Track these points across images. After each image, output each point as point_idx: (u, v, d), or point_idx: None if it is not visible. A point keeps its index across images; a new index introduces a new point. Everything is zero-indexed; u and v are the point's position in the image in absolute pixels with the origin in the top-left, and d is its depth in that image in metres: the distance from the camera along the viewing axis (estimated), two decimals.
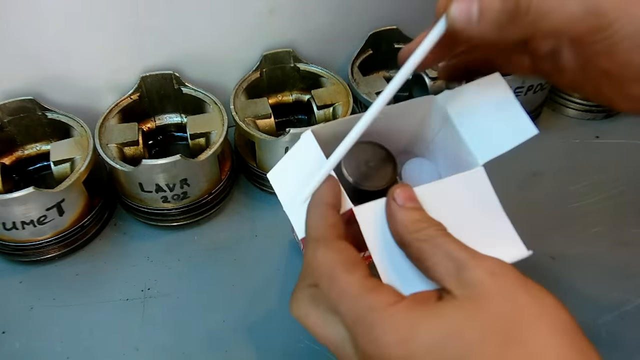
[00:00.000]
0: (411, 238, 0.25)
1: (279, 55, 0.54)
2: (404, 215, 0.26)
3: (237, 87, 0.52)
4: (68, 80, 0.49)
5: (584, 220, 0.51)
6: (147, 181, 0.44)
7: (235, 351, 0.41)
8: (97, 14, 0.46)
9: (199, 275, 0.46)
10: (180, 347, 0.41)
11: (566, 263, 0.46)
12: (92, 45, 0.48)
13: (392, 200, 0.27)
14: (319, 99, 0.52)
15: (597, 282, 0.45)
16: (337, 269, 0.25)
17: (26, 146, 0.50)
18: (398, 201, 0.27)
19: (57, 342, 0.41)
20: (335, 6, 0.54)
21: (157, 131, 0.54)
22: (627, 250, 0.48)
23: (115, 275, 0.46)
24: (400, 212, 0.26)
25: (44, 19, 0.45)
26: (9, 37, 0.45)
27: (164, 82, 0.51)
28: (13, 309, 0.43)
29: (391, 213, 0.27)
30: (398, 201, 0.27)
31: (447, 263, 0.24)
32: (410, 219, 0.26)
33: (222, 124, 0.48)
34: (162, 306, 0.44)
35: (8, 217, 0.42)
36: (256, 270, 0.46)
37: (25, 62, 0.47)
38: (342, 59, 0.59)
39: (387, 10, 0.56)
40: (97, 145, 0.45)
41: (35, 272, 0.46)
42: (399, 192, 0.27)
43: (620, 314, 0.43)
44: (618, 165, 0.56)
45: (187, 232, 0.49)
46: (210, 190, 0.48)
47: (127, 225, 0.50)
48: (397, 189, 0.27)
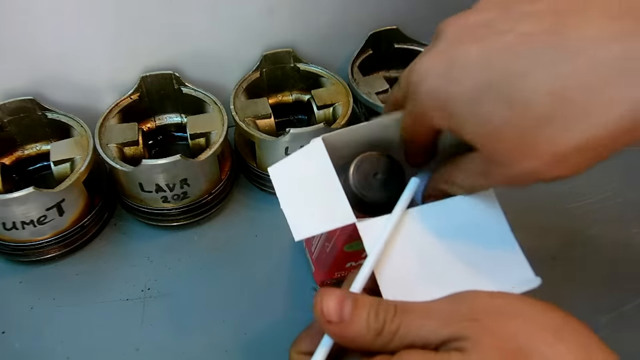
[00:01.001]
0: (378, 345, 0.24)
1: (279, 55, 0.54)
2: (354, 330, 0.24)
3: (237, 87, 0.52)
4: (68, 80, 0.49)
5: (584, 220, 0.51)
6: (147, 181, 0.44)
7: (235, 351, 0.41)
8: (97, 14, 0.46)
9: (199, 275, 0.46)
10: (180, 347, 0.41)
11: (566, 263, 0.46)
12: (92, 45, 0.48)
13: (328, 323, 0.24)
14: (319, 99, 0.52)
15: (597, 282, 0.45)
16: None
17: (26, 146, 0.50)
18: (334, 319, 0.24)
19: (57, 342, 0.41)
20: (335, 6, 0.54)
21: (157, 131, 0.54)
22: (627, 250, 0.48)
23: (115, 275, 0.46)
24: (349, 329, 0.24)
25: (44, 19, 0.45)
26: (9, 37, 0.45)
27: (164, 82, 0.51)
28: (13, 309, 0.43)
29: (339, 334, 0.24)
30: (334, 319, 0.24)
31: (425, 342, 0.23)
32: (362, 329, 0.24)
33: (222, 124, 0.48)
34: (162, 306, 0.44)
35: (8, 217, 0.42)
36: (256, 270, 0.46)
37: (25, 62, 0.47)
38: (342, 59, 0.59)
39: (387, 10, 0.56)
40: (97, 145, 0.45)
41: (35, 272, 0.46)
42: (326, 307, 0.24)
43: (620, 314, 0.43)
44: (618, 165, 0.56)
45: (187, 232, 0.49)
46: (210, 190, 0.48)
47: (127, 225, 0.50)
48: (321, 305, 0.24)
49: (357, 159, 0.31)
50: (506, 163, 0.23)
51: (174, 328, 0.42)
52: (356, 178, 0.30)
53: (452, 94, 0.24)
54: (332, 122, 0.51)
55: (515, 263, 0.28)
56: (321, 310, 0.24)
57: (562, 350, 0.22)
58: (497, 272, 0.24)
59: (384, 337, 0.23)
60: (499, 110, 0.22)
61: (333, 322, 0.24)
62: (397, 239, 0.28)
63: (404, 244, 0.28)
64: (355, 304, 0.24)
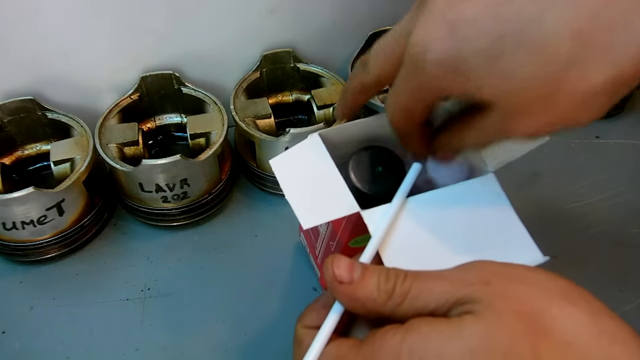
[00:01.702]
0: (389, 307, 0.23)
1: (279, 55, 0.54)
2: (365, 290, 0.24)
3: (237, 87, 0.52)
4: (68, 80, 0.49)
5: (584, 220, 0.51)
6: (147, 181, 0.44)
7: (235, 351, 0.41)
8: (97, 13, 0.46)
9: (199, 275, 0.46)
10: (180, 347, 0.41)
11: (566, 263, 0.46)
12: (92, 45, 0.48)
13: (339, 283, 0.24)
14: (319, 99, 0.52)
15: (597, 282, 0.45)
16: None
17: (26, 146, 0.50)
18: (345, 279, 0.24)
19: (57, 342, 0.41)
20: (335, 6, 0.54)
21: (157, 131, 0.54)
22: (627, 250, 0.48)
23: (115, 275, 0.46)
24: (359, 289, 0.24)
25: (44, 19, 0.45)
26: (9, 37, 0.45)
27: (164, 82, 0.51)
28: (13, 309, 0.43)
29: (350, 296, 0.24)
30: (345, 279, 0.24)
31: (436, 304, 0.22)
32: (373, 290, 0.23)
33: (222, 124, 0.48)
34: (162, 306, 0.44)
35: (8, 217, 0.42)
36: (256, 270, 0.46)
37: (25, 62, 0.47)
38: (342, 59, 0.59)
39: (387, 10, 0.56)
40: (97, 145, 0.45)
41: (35, 272, 0.46)
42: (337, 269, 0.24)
43: (620, 314, 0.43)
44: (618, 165, 0.56)
45: (187, 232, 0.49)
46: (210, 190, 0.48)
47: (127, 225, 0.50)
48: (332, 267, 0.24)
49: (356, 154, 0.31)
50: (531, 114, 0.23)
51: (174, 328, 0.42)
52: (357, 172, 0.30)
53: (465, 54, 0.22)
54: (332, 122, 0.51)
55: (521, 244, 0.28)
56: (333, 271, 0.24)
57: (573, 313, 0.21)
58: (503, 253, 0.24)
59: (395, 299, 0.23)
60: (522, 61, 0.21)
61: (344, 282, 0.24)
62: (401, 222, 0.28)
63: (408, 226, 0.28)
64: (366, 268, 0.24)
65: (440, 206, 0.28)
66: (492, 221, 0.28)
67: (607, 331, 0.21)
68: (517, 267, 0.23)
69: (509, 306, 0.21)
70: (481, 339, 0.20)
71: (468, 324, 0.21)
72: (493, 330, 0.20)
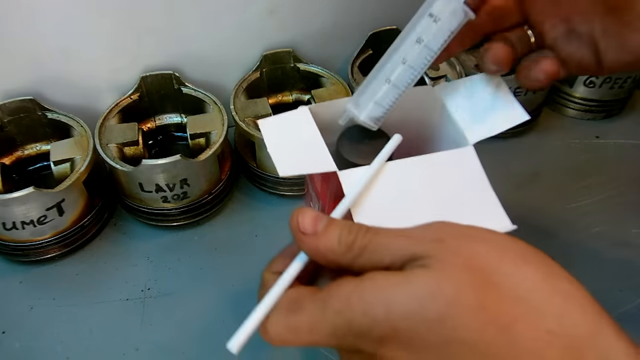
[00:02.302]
0: (348, 259, 0.24)
1: (279, 55, 0.54)
2: (326, 242, 0.24)
3: (237, 87, 0.52)
4: (68, 80, 0.49)
5: (584, 220, 0.51)
6: (147, 181, 0.44)
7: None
8: (97, 14, 0.46)
9: (199, 275, 0.46)
10: (180, 347, 0.41)
11: (566, 263, 0.46)
12: (92, 45, 0.48)
13: (302, 234, 0.25)
14: (319, 99, 0.52)
15: (597, 282, 0.45)
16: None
17: (26, 146, 0.50)
18: (308, 230, 0.25)
19: (57, 342, 0.41)
20: (335, 6, 0.54)
21: (157, 131, 0.54)
22: (627, 250, 0.48)
23: (115, 275, 0.46)
24: (321, 241, 0.25)
25: (44, 19, 0.45)
26: (9, 37, 0.45)
27: (164, 82, 0.51)
28: (13, 309, 0.43)
29: (312, 246, 0.25)
30: (308, 230, 0.25)
31: (391, 259, 0.23)
32: (334, 242, 0.24)
33: (222, 124, 0.48)
34: (162, 306, 0.44)
35: (8, 217, 0.42)
36: (256, 270, 0.46)
37: (25, 62, 0.47)
38: (342, 59, 0.59)
39: (387, 10, 0.56)
40: (97, 145, 0.45)
41: (35, 272, 0.46)
42: (302, 220, 0.25)
43: (620, 314, 0.43)
44: (618, 165, 0.56)
45: (187, 232, 0.49)
46: (210, 190, 0.48)
47: (127, 225, 0.50)
48: (297, 218, 0.25)
49: (345, 129, 0.33)
50: None
51: (174, 328, 0.42)
52: (346, 145, 0.32)
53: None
54: None
55: (492, 213, 0.29)
56: (297, 222, 0.25)
57: (527, 271, 0.22)
58: (473, 218, 0.25)
59: (354, 251, 0.24)
60: None
61: (307, 233, 0.25)
62: (377, 184, 0.29)
63: (383, 188, 0.29)
64: (330, 221, 0.25)
65: (416, 172, 0.29)
66: (466, 189, 0.29)
67: (561, 290, 0.22)
68: (476, 229, 0.24)
69: (459, 261, 0.22)
70: (427, 287, 0.21)
71: (416, 275, 0.22)
72: (440, 280, 0.21)
